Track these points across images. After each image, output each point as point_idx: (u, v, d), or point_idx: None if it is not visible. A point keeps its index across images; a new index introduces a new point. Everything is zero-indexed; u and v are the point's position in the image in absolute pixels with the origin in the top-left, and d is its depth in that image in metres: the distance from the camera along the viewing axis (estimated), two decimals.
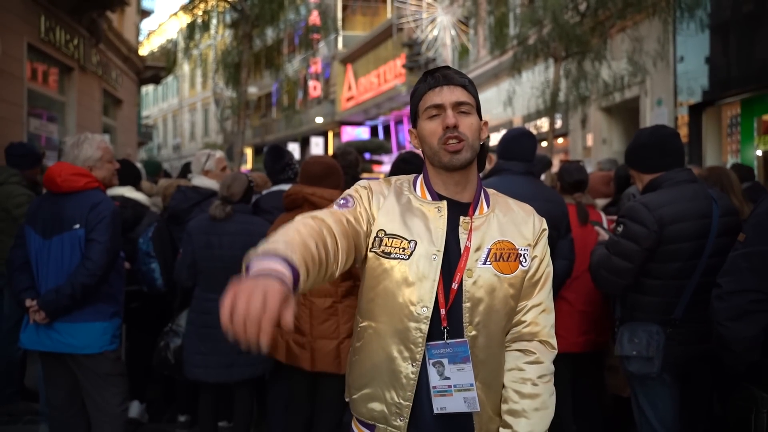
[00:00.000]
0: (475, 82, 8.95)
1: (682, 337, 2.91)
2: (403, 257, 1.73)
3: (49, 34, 10.24)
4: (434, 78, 1.79)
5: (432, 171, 1.84)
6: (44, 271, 3.38)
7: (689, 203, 2.92)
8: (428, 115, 1.77)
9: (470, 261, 1.75)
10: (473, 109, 1.79)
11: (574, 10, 8.67)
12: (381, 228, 1.76)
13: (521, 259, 1.80)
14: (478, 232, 1.78)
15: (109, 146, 3.68)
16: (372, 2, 28.40)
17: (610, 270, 3.00)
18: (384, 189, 1.83)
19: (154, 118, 46.80)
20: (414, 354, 1.72)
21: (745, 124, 9.45)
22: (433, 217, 1.77)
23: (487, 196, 1.88)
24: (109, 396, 3.49)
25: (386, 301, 1.75)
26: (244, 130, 10.01)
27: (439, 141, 1.74)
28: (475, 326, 1.74)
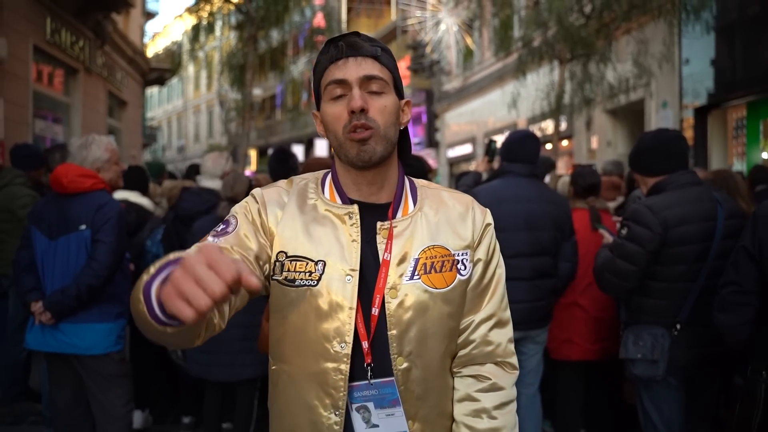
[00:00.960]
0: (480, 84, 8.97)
1: (687, 341, 2.90)
2: (311, 283, 1.39)
3: (55, 36, 10.27)
4: (337, 48, 1.42)
5: (341, 168, 1.49)
6: (50, 272, 3.39)
7: (694, 206, 2.91)
8: (331, 94, 1.41)
9: (393, 277, 1.41)
10: (388, 87, 1.43)
11: (579, 12, 8.66)
12: (281, 249, 1.42)
13: (459, 267, 1.46)
14: (401, 239, 1.44)
15: (115, 148, 3.70)
16: (376, 4, 28.41)
17: (614, 273, 2.99)
18: (282, 196, 1.48)
19: (158, 120, 46.91)
20: (336, 400, 1.40)
21: (750, 127, 9.42)
22: (343, 227, 1.43)
23: (414, 192, 1.53)
24: (114, 397, 3.50)
25: (296, 338, 1.43)
26: (248, 132, 10.02)
27: (344, 129, 1.39)
28: (406, 357, 1.41)
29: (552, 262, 3.66)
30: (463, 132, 19.80)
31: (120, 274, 3.51)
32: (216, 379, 3.87)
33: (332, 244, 1.42)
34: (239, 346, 3.81)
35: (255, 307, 3.87)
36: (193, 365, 3.92)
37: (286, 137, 30.68)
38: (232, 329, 3.82)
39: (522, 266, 3.52)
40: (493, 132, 16.49)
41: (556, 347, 3.96)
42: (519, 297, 3.49)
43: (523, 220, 3.54)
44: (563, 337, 3.94)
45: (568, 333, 3.93)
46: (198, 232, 3.92)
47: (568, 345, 3.94)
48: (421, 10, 20.80)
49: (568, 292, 3.93)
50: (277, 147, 5.05)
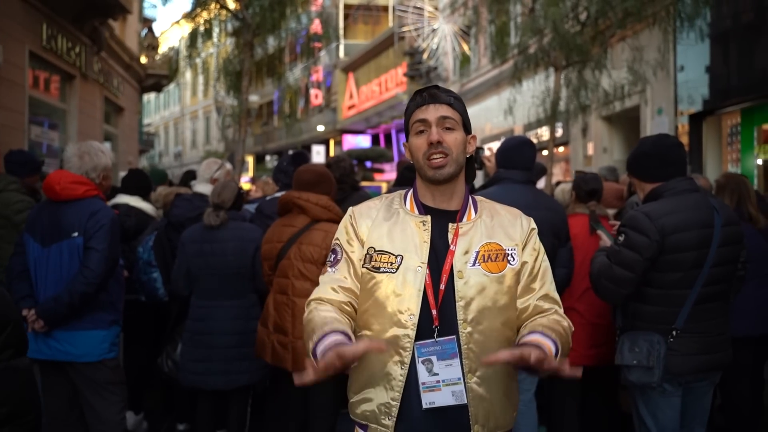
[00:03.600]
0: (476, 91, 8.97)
1: (684, 348, 2.89)
2: (391, 270, 1.89)
3: (51, 42, 10.26)
4: (422, 97, 1.95)
5: (420, 183, 2.01)
6: (43, 280, 3.37)
7: (691, 212, 2.91)
8: (416, 130, 1.93)
9: (460, 263, 1.89)
10: (458, 125, 1.93)
11: (574, 19, 8.68)
12: (371, 245, 1.94)
13: (509, 259, 1.94)
14: (466, 237, 1.93)
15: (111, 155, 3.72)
16: (373, 11, 28.48)
17: (610, 279, 2.98)
18: (371, 209, 2.01)
19: (155, 126, 46.87)
20: (403, 357, 1.85)
21: (745, 134, 9.45)
22: (419, 231, 1.93)
23: (476, 203, 2.03)
24: (108, 404, 3.48)
25: (377, 311, 1.90)
26: (245, 138, 10.00)
27: (424, 156, 1.91)
28: (469, 323, 1.86)
29: None
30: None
31: (114, 282, 3.50)
32: (212, 388, 3.84)
33: (410, 244, 1.91)
34: (234, 353, 3.80)
35: (249, 314, 3.87)
36: (186, 375, 3.89)
37: (283, 143, 30.68)
38: (225, 336, 3.81)
39: None
40: (489, 138, 16.52)
41: None
42: None
43: None
44: None
45: None
46: (186, 241, 3.91)
47: None
48: (418, 16, 20.86)
49: (565, 297, 3.92)
50: (297, 151, 5.08)
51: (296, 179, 3.72)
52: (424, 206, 1.98)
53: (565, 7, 8.64)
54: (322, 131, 29.31)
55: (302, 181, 3.68)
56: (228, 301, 3.82)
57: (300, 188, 3.66)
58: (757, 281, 3.82)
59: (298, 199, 3.58)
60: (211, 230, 3.85)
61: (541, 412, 4.02)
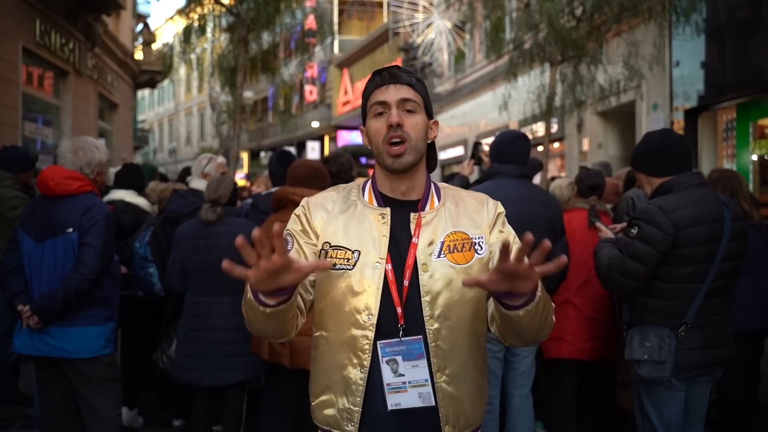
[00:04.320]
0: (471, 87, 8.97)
1: (692, 342, 2.88)
2: (348, 267, 1.76)
3: (45, 38, 10.21)
4: (381, 77, 1.83)
5: (379, 172, 1.88)
6: (37, 276, 3.36)
7: (702, 207, 2.90)
8: (374, 112, 1.81)
9: (424, 256, 1.77)
10: (420, 108, 1.80)
11: (570, 14, 8.67)
12: (326, 240, 1.81)
13: (476, 248, 1.80)
14: (429, 227, 1.80)
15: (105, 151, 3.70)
16: (368, 7, 28.43)
17: (622, 272, 2.95)
18: (328, 201, 1.88)
19: (150, 123, 46.75)
20: (362, 360, 1.74)
21: (740, 129, 9.46)
22: (377, 224, 1.80)
23: (438, 191, 1.90)
24: (104, 401, 3.47)
25: (334, 310, 1.78)
26: (239, 135, 9.98)
27: (383, 140, 1.78)
28: (436, 319, 1.74)
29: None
30: (455, 134, 19.82)
31: (109, 278, 3.48)
32: (207, 384, 3.83)
33: (368, 239, 1.78)
34: (229, 349, 3.79)
35: None
36: (181, 372, 3.87)
37: (278, 140, 30.64)
38: (220, 333, 3.80)
39: None
40: (484, 134, 16.50)
41: (546, 345, 3.95)
42: None
43: (517, 222, 3.51)
44: (554, 335, 3.93)
45: (559, 331, 3.92)
46: (180, 237, 3.90)
47: (559, 343, 3.93)
48: (413, 12, 20.82)
49: (562, 291, 3.92)
50: (281, 150, 5.08)
51: (290, 174, 3.71)
52: (384, 197, 1.85)
53: (560, 1, 8.62)
54: (316, 127, 29.26)
55: (297, 177, 3.68)
56: (223, 297, 3.81)
57: (294, 183, 3.66)
58: (752, 276, 3.82)
59: (292, 194, 3.57)
60: (207, 226, 3.84)
61: (538, 407, 4.03)
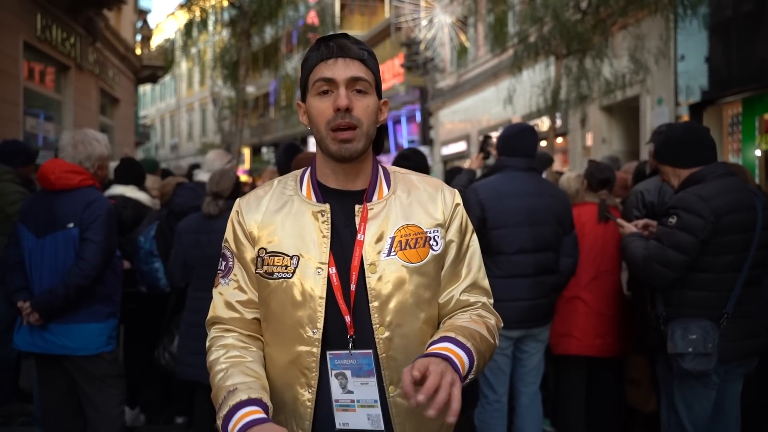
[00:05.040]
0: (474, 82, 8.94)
1: (733, 333, 2.86)
2: (286, 276, 1.54)
3: (46, 33, 10.16)
4: (328, 48, 1.53)
5: (321, 159, 1.61)
6: (38, 271, 3.30)
7: (736, 195, 2.90)
8: (318, 89, 1.52)
9: (372, 254, 1.54)
10: (371, 88, 1.55)
11: (575, 7, 8.62)
12: (262, 246, 1.58)
13: (431, 243, 1.57)
14: (377, 220, 1.56)
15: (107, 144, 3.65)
16: (370, 1, 28.33)
17: (663, 262, 2.91)
18: (261, 199, 1.63)
19: (151, 118, 46.71)
20: (309, 379, 1.54)
21: (746, 124, 9.39)
22: (316, 223, 1.56)
23: (388, 177, 1.65)
24: (107, 398, 3.42)
25: (275, 325, 1.58)
26: (242, 129, 9.94)
27: (327, 125, 1.51)
28: (387, 327, 1.53)
29: (554, 258, 3.60)
30: (457, 129, 19.76)
31: (110, 273, 3.43)
32: (209, 381, 3.79)
33: (305, 240, 1.55)
34: None
35: None
36: (183, 368, 3.83)
37: (280, 135, 30.57)
38: None
39: (525, 263, 3.45)
40: (487, 129, 16.45)
41: (555, 342, 3.90)
42: (521, 294, 3.43)
43: (525, 215, 3.48)
44: (563, 331, 3.89)
45: (568, 327, 3.87)
46: (182, 231, 3.85)
47: (568, 339, 3.88)
48: (415, 7, 20.73)
49: (571, 286, 3.87)
50: (287, 142, 5.05)
51: (296, 166, 3.66)
52: (324, 188, 1.60)
53: None
54: None
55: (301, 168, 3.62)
56: None
57: None
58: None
59: None
60: (209, 220, 3.79)
61: (546, 404, 3.98)
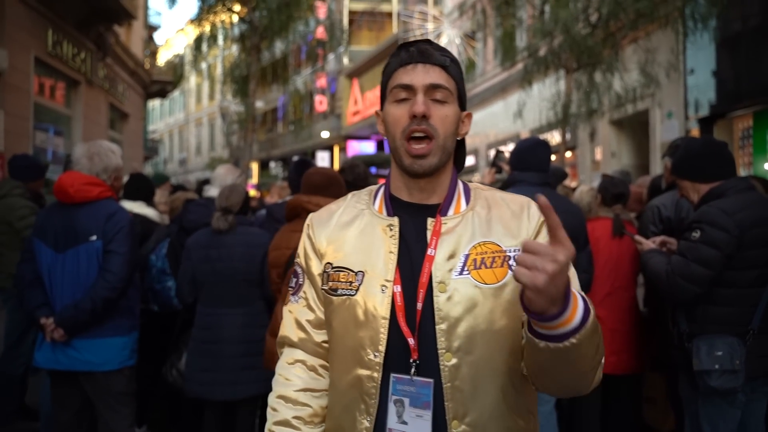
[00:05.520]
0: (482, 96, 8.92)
1: (759, 349, 2.80)
2: (350, 293, 1.44)
3: (57, 48, 10.22)
4: (408, 53, 1.45)
5: (395, 171, 1.53)
6: (58, 286, 3.24)
7: (760, 209, 2.86)
8: (396, 96, 1.45)
9: (442, 272, 1.40)
10: (452, 97, 1.45)
11: (585, 21, 8.61)
12: (328, 261, 1.50)
13: (510, 263, 1.41)
14: (451, 236, 1.43)
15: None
16: (378, 17, 28.47)
17: (687, 277, 2.86)
18: (333, 214, 1.57)
19: (160, 133, 46.96)
20: (368, 406, 1.42)
21: (757, 137, 9.33)
22: (384, 238, 1.46)
23: (468, 192, 1.53)
24: (120, 418, 3.37)
25: (337, 345, 1.48)
26: (251, 144, 9.95)
27: (402, 133, 1.43)
28: (455, 353, 1.38)
29: None
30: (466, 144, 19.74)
31: (131, 286, 3.40)
32: (218, 399, 3.73)
33: (371, 256, 1.46)
34: (242, 362, 3.68)
35: (257, 321, 3.75)
36: (193, 386, 3.77)
37: (288, 150, 30.63)
38: (233, 345, 3.70)
39: None
40: (495, 144, 16.41)
41: None
42: None
43: None
44: None
45: None
46: (192, 246, 3.80)
47: None
48: (423, 22, 20.80)
49: None
50: (300, 158, 5.04)
51: (305, 182, 3.60)
52: (396, 202, 1.51)
53: (576, 8, 8.56)
54: (326, 137, 29.25)
55: (311, 184, 3.55)
56: (235, 309, 3.71)
57: (309, 192, 3.53)
58: None
59: (307, 203, 3.45)
60: (219, 235, 3.74)
61: (561, 423, 3.90)
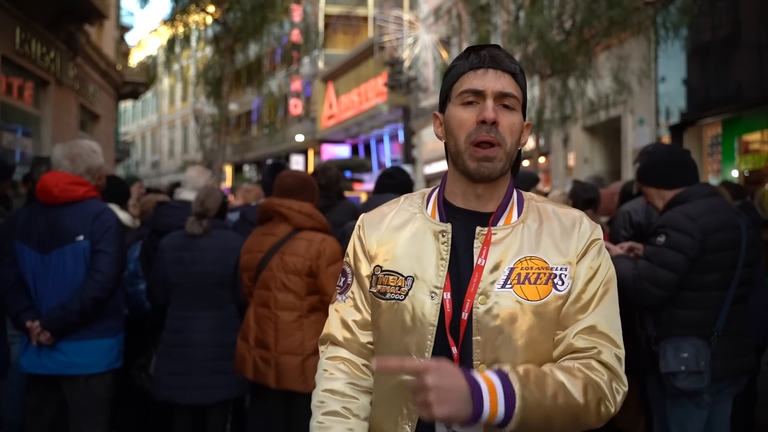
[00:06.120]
0: None
1: (723, 351, 2.86)
2: (399, 297, 1.45)
3: (25, 47, 10.02)
4: (479, 57, 1.43)
5: (452, 175, 1.51)
6: (42, 289, 3.16)
7: (722, 214, 2.93)
8: (462, 100, 1.43)
9: (484, 283, 1.40)
10: (519, 106, 1.45)
11: (559, 28, 8.71)
12: (378, 264, 1.51)
13: (555, 281, 1.40)
14: (499, 247, 1.42)
15: None
16: (354, 21, 28.48)
17: (653, 281, 2.89)
18: (385, 215, 1.56)
19: (132, 135, 46.38)
20: (411, 412, 1.43)
21: (726, 144, 9.52)
22: (436, 244, 1.46)
23: (522, 203, 1.51)
24: (96, 425, 3.29)
25: (384, 348, 1.49)
26: (224, 147, 9.87)
27: (468, 137, 1.41)
28: (489, 366, 1.37)
29: None
30: (440, 149, 19.70)
31: (118, 287, 3.35)
32: (187, 403, 3.67)
33: (422, 261, 1.45)
34: (212, 366, 3.64)
35: (228, 325, 3.71)
36: (162, 389, 3.71)
37: (262, 153, 30.45)
38: (203, 349, 3.65)
39: None
40: None
41: None
42: None
43: None
44: None
45: None
46: (165, 248, 3.75)
47: None
48: (398, 27, 20.85)
49: None
50: (274, 161, 5.02)
51: (278, 185, 3.57)
52: (450, 207, 1.50)
53: (550, 15, 8.65)
54: (301, 141, 29.15)
55: (284, 187, 3.52)
56: (206, 312, 3.67)
57: (281, 195, 3.50)
58: None
59: (279, 206, 3.43)
60: (193, 238, 3.70)
61: None
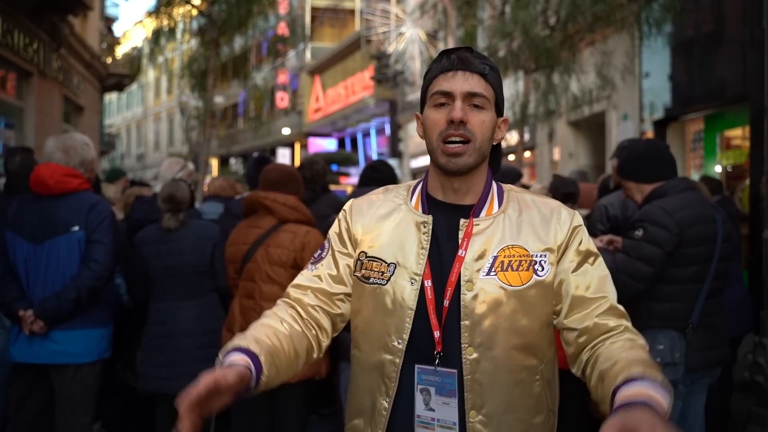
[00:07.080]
0: None
1: (698, 342, 2.93)
2: (381, 282, 1.57)
3: (7, 37, 9.92)
4: (449, 60, 1.54)
5: (432, 172, 1.63)
6: (34, 279, 3.21)
7: (699, 208, 2.98)
8: (435, 102, 1.55)
9: (470, 271, 1.52)
10: (489, 104, 1.54)
11: (544, 23, 8.76)
12: (362, 250, 1.62)
13: (536, 267, 1.52)
14: (481, 237, 1.54)
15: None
16: (341, 14, 28.40)
17: (631, 274, 2.94)
18: (373, 204, 1.67)
19: (117, 127, 46.03)
20: (388, 388, 1.54)
21: (708, 140, 9.61)
22: (417, 234, 1.57)
23: (501, 194, 1.63)
24: (82, 415, 3.32)
25: (365, 329, 1.60)
26: (210, 139, 9.84)
27: (439, 136, 1.53)
28: (476, 348, 1.50)
29: None
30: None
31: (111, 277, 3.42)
32: (177, 392, 3.68)
33: (404, 250, 1.57)
34: (199, 354, 3.66)
35: (210, 313, 3.74)
36: (150, 381, 3.72)
37: (248, 146, 30.36)
38: (188, 337, 3.67)
39: None
40: None
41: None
42: None
43: None
44: None
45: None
46: (141, 242, 3.77)
47: None
48: (385, 20, 20.84)
49: None
50: (259, 154, 5.03)
51: (263, 178, 3.60)
52: (432, 200, 1.62)
53: (535, 10, 8.70)
54: (287, 134, 29.08)
55: (269, 180, 3.56)
56: (188, 301, 3.70)
57: (266, 188, 3.54)
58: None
59: (264, 199, 3.46)
60: (169, 232, 3.72)
61: None
